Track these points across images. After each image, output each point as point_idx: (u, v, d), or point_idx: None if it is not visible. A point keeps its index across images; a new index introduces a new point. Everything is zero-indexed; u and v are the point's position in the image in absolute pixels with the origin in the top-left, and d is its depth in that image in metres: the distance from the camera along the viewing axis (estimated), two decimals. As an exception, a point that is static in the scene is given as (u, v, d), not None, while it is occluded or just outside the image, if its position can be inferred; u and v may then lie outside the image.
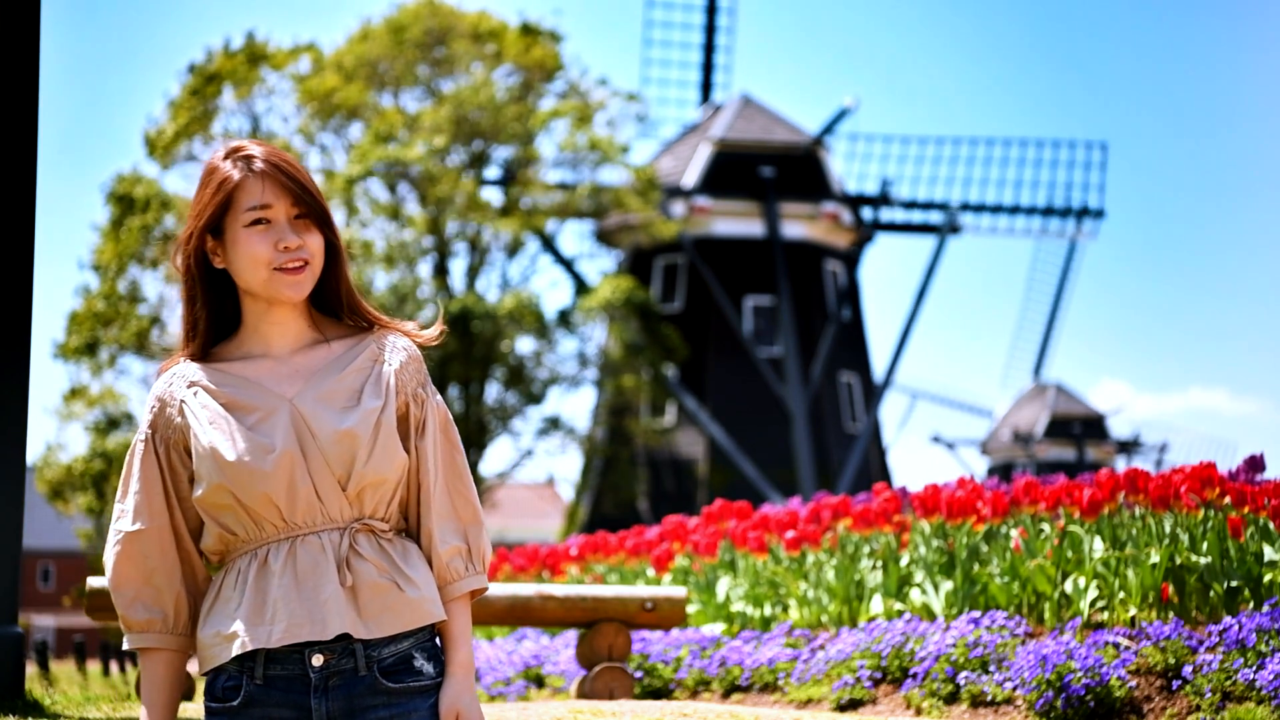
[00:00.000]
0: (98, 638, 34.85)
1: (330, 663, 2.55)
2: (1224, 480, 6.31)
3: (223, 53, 29.32)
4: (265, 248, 2.60)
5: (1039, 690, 5.63)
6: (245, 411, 2.60)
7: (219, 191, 2.64)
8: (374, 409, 2.62)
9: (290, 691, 2.56)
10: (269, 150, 2.66)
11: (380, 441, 2.60)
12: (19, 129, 5.66)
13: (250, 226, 2.61)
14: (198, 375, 2.65)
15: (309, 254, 2.62)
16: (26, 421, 5.67)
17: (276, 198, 2.62)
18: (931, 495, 7.30)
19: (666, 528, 9.30)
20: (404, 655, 2.60)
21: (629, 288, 29.58)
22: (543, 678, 8.40)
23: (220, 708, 2.59)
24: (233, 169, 2.65)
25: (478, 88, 28.76)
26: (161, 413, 2.65)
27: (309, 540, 2.57)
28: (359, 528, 2.60)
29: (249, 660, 2.56)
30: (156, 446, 2.65)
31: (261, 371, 2.64)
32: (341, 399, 2.62)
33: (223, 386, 2.63)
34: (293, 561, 2.56)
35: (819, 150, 35.27)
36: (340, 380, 2.64)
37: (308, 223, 2.64)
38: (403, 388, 2.67)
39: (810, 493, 28.15)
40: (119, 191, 28.14)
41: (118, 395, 27.95)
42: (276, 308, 2.65)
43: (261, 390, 2.62)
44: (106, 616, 6.40)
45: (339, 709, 2.56)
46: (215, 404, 2.61)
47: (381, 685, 2.57)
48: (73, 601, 30.55)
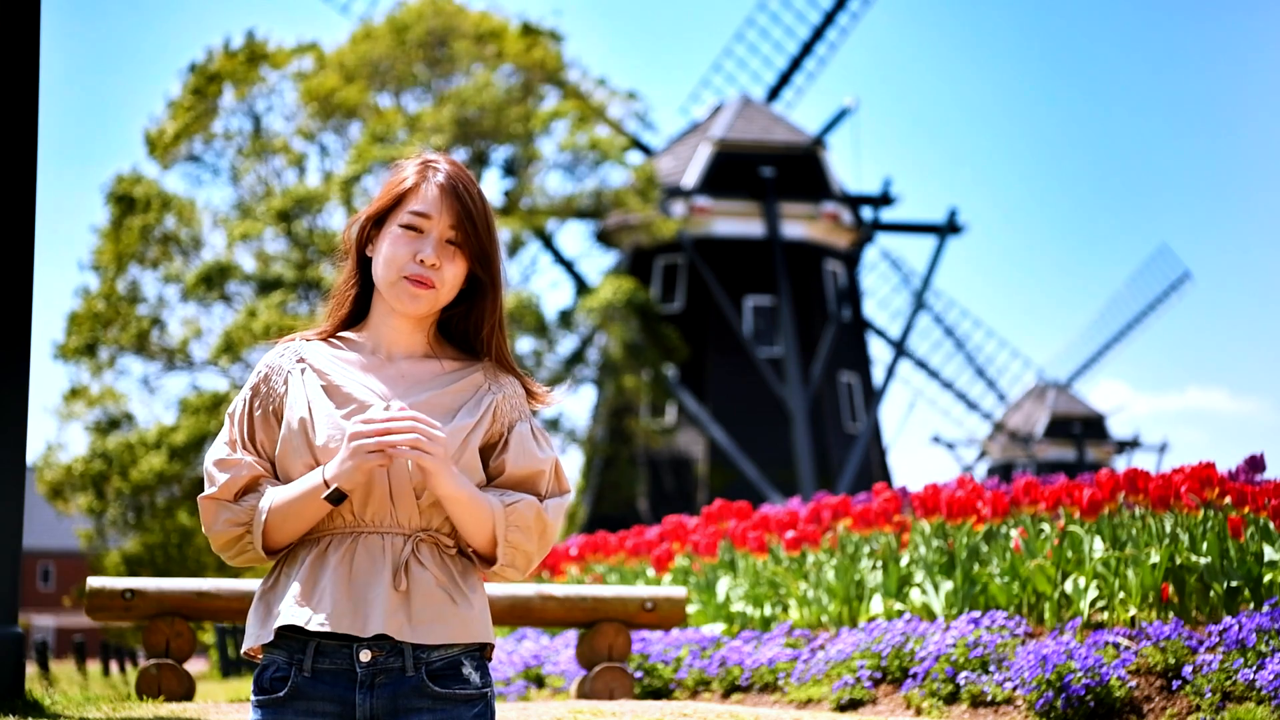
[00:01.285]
0: (98, 638, 34.86)
1: (378, 660, 2.57)
2: (1224, 480, 6.31)
3: (223, 52, 29.33)
4: (405, 253, 2.64)
5: (1039, 690, 5.64)
6: (343, 400, 2.64)
7: (394, 190, 2.69)
8: (465, 426, 2.64)
9: (336, 686, 2.57)
10: (458, 171, 2.70)
11: (463, 460, 2.63)
12: (19, 129, 5.67)
13: (403, 229, 2.65)
14: (309, 354, 2.70)
15: (441, 279, 2.65)
16: (26, 421, 5.68)
17: (439, 213, 2.65)
18: (931, 495, 7.31)
19: (666, 528, 9.31)
20: (453, 661, 2.61)
21: (629, 288, 29.59)
22: (543, 678, 8.41)
23: (267, 699, 2.60)
24: (415, 172, 2.70)
25: (479, 88, 28.78)
26: (266, 379, 2.70)
27: (371, 539, 2.60)
28: (424, 537, 2.62)
29: (298, 652, 2.58)
30: (254, 408, 2.69)
31: (370, 368, 2.69)
32: (436, 412, 2.64)
33: (329, 372, 2.68)
34: (351, 556, 2.59)
35: (819, 150, 35.27)
36: (440, 395, 2.67)
37: (458, 251, 2.66)
38: (501, 416, 2.70)
39: (810, 493, 28.16)
40: (119, 192, 28.13)
41: (118, 395, 27.94)
42: (397, 314, 2.69)
43: (363, 385, 2.66)
44: (106, 616, 6.41)
45: (383, 707, 2.58)
46: (317, 384, 2.66)
47: (428, 689, 2.58)
48: (73, 601, 30.53)
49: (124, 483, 26.53)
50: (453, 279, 2.66)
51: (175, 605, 6.33)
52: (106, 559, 27.40)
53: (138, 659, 24.45)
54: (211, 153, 29.38)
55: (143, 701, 6.06)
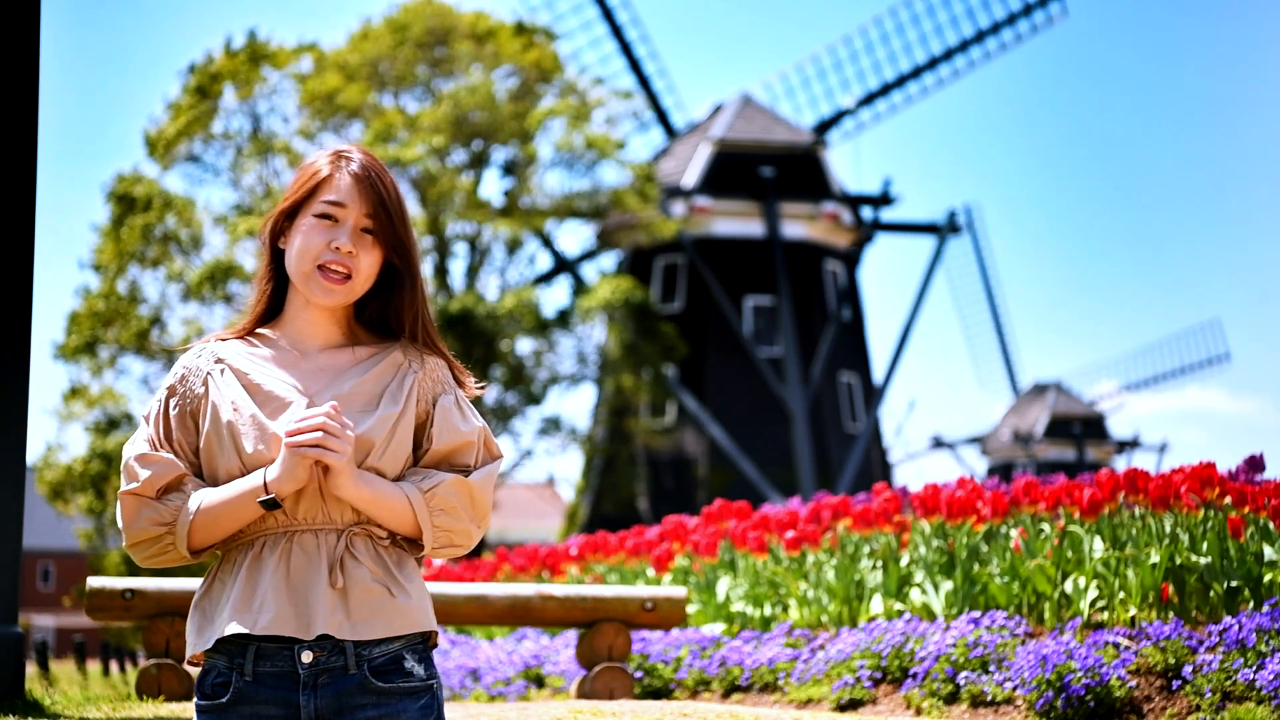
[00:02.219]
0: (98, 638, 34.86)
1: (320, 660, 2.55)
2: (1224, 480, 6.31)
3: (224, 52, 29.31)
4: (319, 242, 2.62)
5: (1039, 690, 5.63)
6: (265, 398, 2.62)
7: (308, 181, 2.67)
8: (391, 414, 2.63)
9: (279, 688, 2.56)
10: (371, 161, 2.68)
11: (390, 450, 2.62)
12: (19, 129, 5.67)
13: (317, 218, 2.64)
14: (227, 354, 2.68)
15: (356, 268, 2.63)
16: (26, 422, 5.67)
17: (353, 201, 2.64)
18: (931, 495, 7.30)
19: (666, 528, 9.30)
20: (394, 656, 2.60)
21: (629, 288, 29.58)
22: (543, 678, 8.40)
23: (209, 705, 2.59)
24: (327, 164, 2.68)
25: (477, 88, 28.76)
26: (184, 380, 2.68)
27: (305, 537, 2.58)
28: (357, 531, 2.60)
29: (238, 657, 2.56)
30: (170, 408, 2.67)
31: (288, 363, 2.67)
32: (360, 402, 2.63)
33: (249, 370, 2.66)
34: (287, 556, 2.57)
35: (819, 150, 35.26)
36: (362, 383, 2.65)
37: (374, 240, 2.65)
38: (424, 394, 2.68)
39: (810, 493, 28.16)
40: (119, 191, 28.12)
41: (118, 395, 27.93)
42: (313, 307, 2.67)
43: (285, 382, 2.64)
44: (106, 616, 6.41)
45: (327, 707, 2.56)
46: (238, 385, 2.64)
47: (371, 685, 2.57)
48: (73, 601, 30.52)
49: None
50: (369, 268, 2.64)
51: (175, 605, 6.33)
52: (106, 559, 27.39)
53: (138, 659, 24.45)
54: (211, 152, 29.38)
55: (143, 701, 6.05)
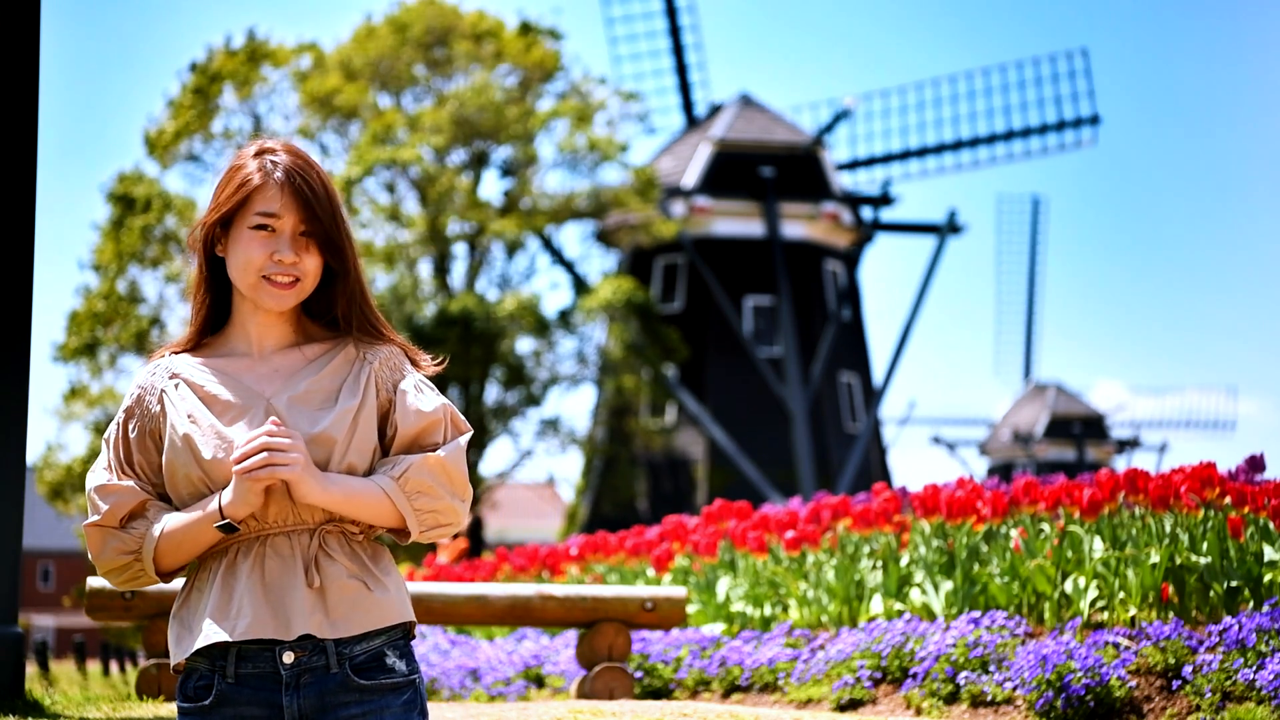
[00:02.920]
0: (98, 638, 34.85)
1: (301, 660, 2.56)
2: (1224, 480, 6.31)
3: (224, 51, 29.30)
4: (261, 254, 2.62)
5: (1039, 690, 5.63)
6: (223, 408, 2.63)
7: (238, 190, 2.65)
8: (350, 408, 2.63)
9: (261, 689, 2.56)
10: (296, 159, 2.66)
11: (354, 444, 2.62)
12: (19, 129, 5.67)
13: (254, 230, 2.63)
14: (180, 368, 2.68)
15: (302, 272, 2.64)
16: (26, 422, 5.67)
17: (287, 210, 2.63)
18: (931, 495, 7.30)
19: (666, 528, 9.30)
20: (376, 652, 2.60)
21: (629, 288, 29.57)
22: (543, 678, 8.40)
23: (192, 707, 2.59)
24: (256, 171, 2.66)
25: (478, 89, 28.75)
26: (140, 401, 2.68)
27: (278, 540, 2.59)
28: (330, 529, 2.61)
29: (220, 659, 2.57)
30: (129, 431, 2.67)
31: (242, 369, 2.67)
32: (318, 400, 2.63)
33: (203, 382, 2.65)
34: (261, 561, 2.58)
35: (819, 150, 35.26)
36: (318, 381, 2.65)
37: (311, 242, 2.65)
38: (383, 383, 2.68)
39: (810, 493, 28.15)
40: (119, 191, 28.11)
41: (118, 395, 27.89)
42: (262, 310, 2.68)
43: (241, 387, 2.64)
44: (106, 616, 6.41)
45: (310, 706, 2.56)
46: (194, 397, 2.64)
47: (353, 682, 2.57)
48: (73, 601, 30.53)
49: (124, 483, 26.50)
50: (314, 269, 2.66)
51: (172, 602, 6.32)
52: (106, 559, 27.35)
53: (138, 659, 24.44)
54: (211, 152, 29.36)
55: (143, 701, 6.05)
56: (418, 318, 27.20)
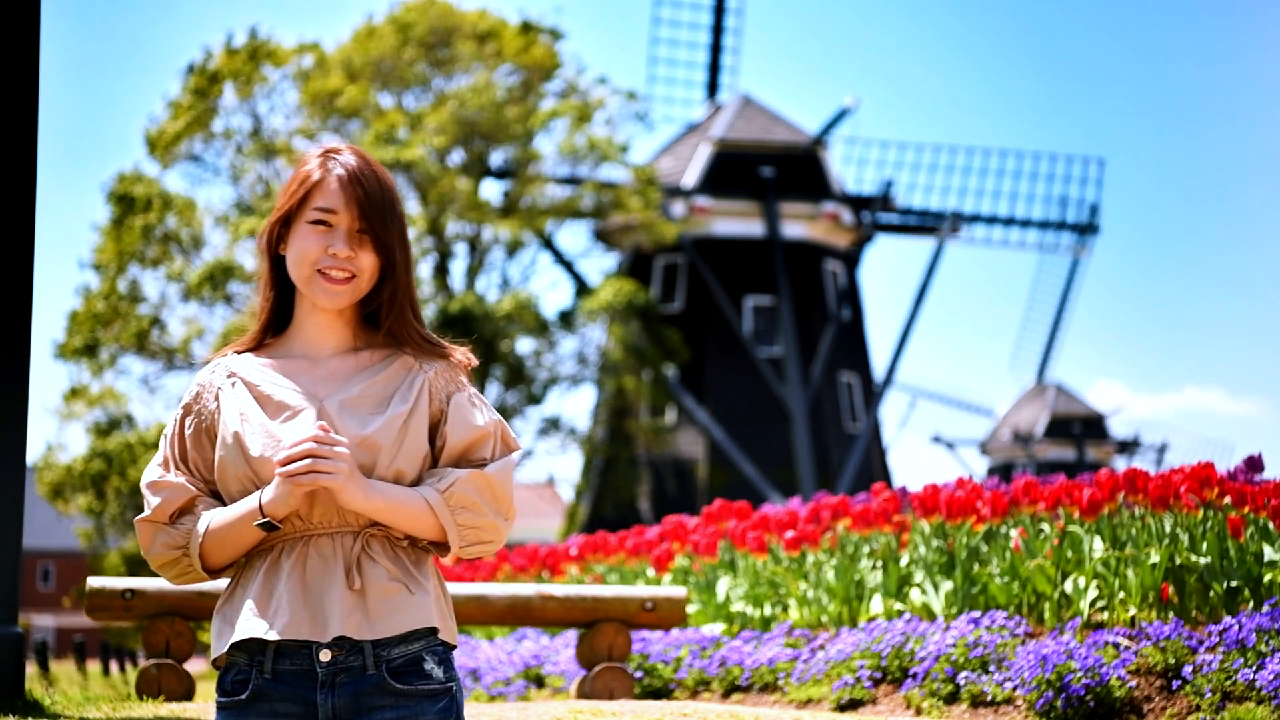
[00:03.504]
0: (98, 638, 34.84)
1: (338, 659, 2.57)
2: (1223, 480, 6.31)
3: (226, 50, 29.29)
4: (316, 248, 2.65)
5: (1039, 690, 5.63)
6: (276, 408, 2.65)
7: (299, 187, 2.69)
8: (400, 414, 2.64)
9: (298, 686, 2.58)
10: (359, 160, 2.70)
11: (403, 450, 2.63)
12: (19, 129, 5.67)
13: (311, 224, 2.66)
14: (239, 367, 2.71)
15: (357, 269, 2.66)
16: (26, 421, 5.67)
17: (344, 206, 2.66)
18: (931, 495, 7.30)
19: (666, 528, 9.30)
20: (414, 657, 2.61)
21: (629, 289, 29.56)
22: (543, 678, 8.40)
23: (229, 701, 2.61)
24: (317, 168, 2.69)
25: (479, 89, 28.74)
26: (198, 398, 2.71)
27: (321, 541, 2.61)
28: (374, 533, 2.62)
29: (258, 655, 2.59)
30: (186, 427, 2.71)
31: (299, 370, 2.69)
32: (370, 404, 2.65)
33: (260, 382, 2.68)
34: (303, 561, 2.60)
35: (819, 150, 35.26)
36: (372, 385, 2.67)
37: (367, 240, 2.67)
38: (436, 393, 2.69)
39: (810, 493, 28.15)
40: (119, 191, 28.11)
41: (118, 395, 27.92)
42: (320, 310, 2.70)
43: (296, 389, 2.66)
44: (106, 616, 6.40)
45: (345, 706, 2.57)
46: (249, 397, 2.67)
47: (389, 686, 2.58)
48: (73, 601, 30.47)
49: (124, 483, 26.52)
50: (370, 267, 2.67)
51: (175, 605, 6.33)
52: (106, 559, 27.38)
53: (138, 659, 24.44)
54: (211, 152, 29.37)
55: (143, 701, 6.05)
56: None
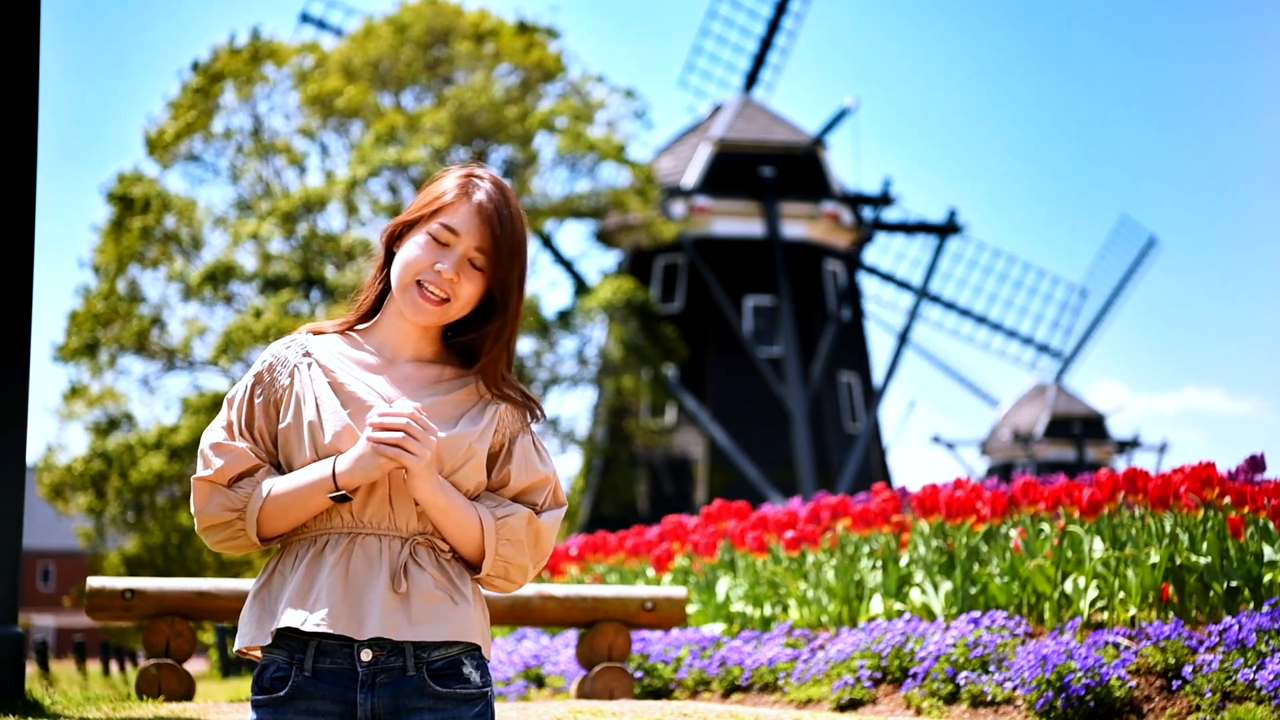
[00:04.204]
0: (98, 638, 34.86)
1: (379, 659, 2.57)
2: (1224, 480, 6.31)
3: (227, 49, 29.29)
4: (425, 260, 2.64)
5: (1039, 690, 5.63)
6: (346, 398, 2.65)
7: (435, 200, 2.68)
8: (469, 434, 2.64)
9: (337, 685, 2.58)
10: (499, 192, 2.68)
11: (465, 469, 2.63)
12: (19, 129, 5.67)
13: (429, 236, 2.65)
14: (316, 349, 2.71)
15: (455, 294, 2.65)
16: (26, 421, 5.67)
17: (469, 232, 2.65)
18: (931, 495, 7.30)
19: (666, 528, 9.30)
20: (453, 660, 2.61)
21: (629, 288, 29.57)
22: (543, 678, 8.40)
23: (267, 699, 2.61)
24: (455, 187, 2.69)
25: (478, 89, 28.75)
26: (271, 369, 2.70)
27: (369, 540, 2.60)
28: (421, 541, 2.62)
29: (299, 652, 2.58)
30: (255, 395, 2.69)
31: (374, 368, 2.69)
32: (437, 419, 2.64)
33: (335, 367, 2.68)
34: (348, 557, 2.59)
35: (819, 150, 35.26)
36: (442, 403, 2.67)
37: (476, 273, 2.66)
38: (504, 427, 2.70)
39: (810, 493, 28.15)
40: (119, 191, 28.10)
41: (118, 395, 27.91)
42: (405, 319, 2.69)
43: (368, 385, 2.66)
44: (106, 616, 6.41)
45: (384, 707, 2.58)
46: (324, 380, 2.67)
47: (429, 688, 2.59)
48: (73, 601, 30.50)
49: (124, 483, 26.52)
50: (468, 297, 2.66)
51: (175, 605, 6.33)
52: (106, 559, 27.39)
53: (138, 659, 24.45)
54: (211, 152, 29.37)
55: (143, 701, 6.05)
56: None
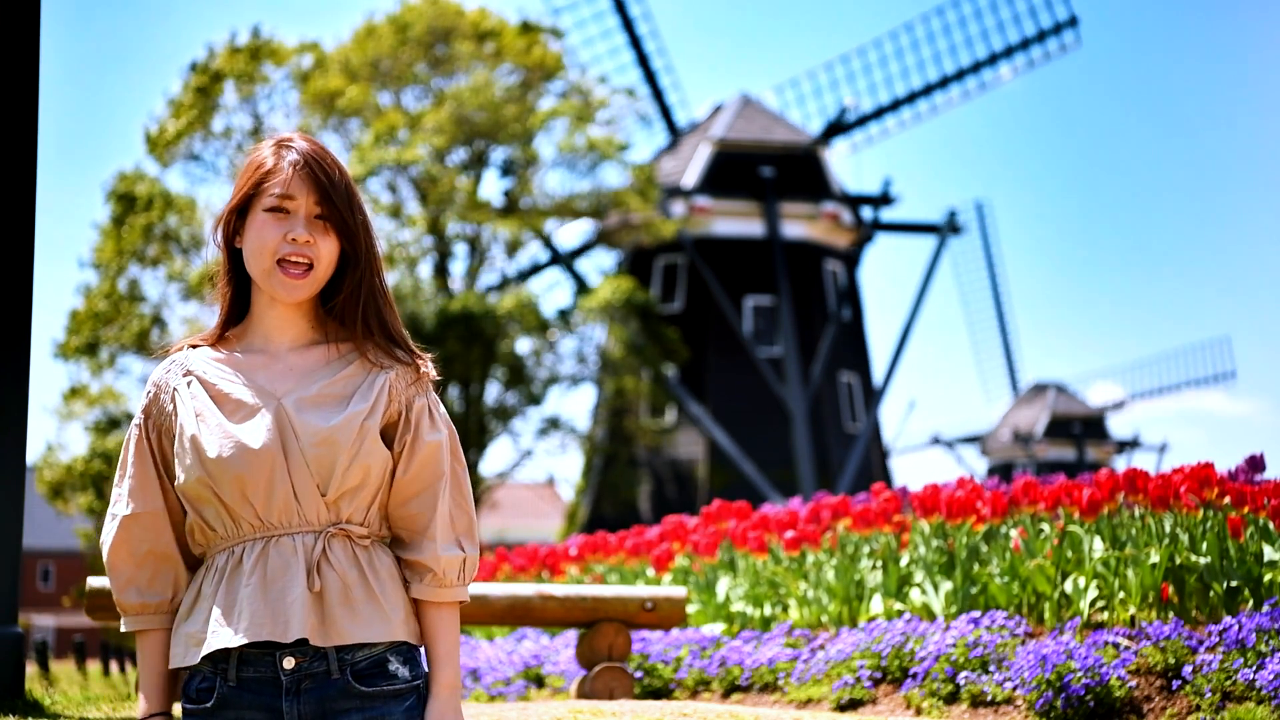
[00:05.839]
0: (98, 638, 34.85)
1: (301, 665, 2.54)
2: (1223, 480, 6.31)
3: (228, 49, 29.29)
4: (275, 235, 2.59)
5: (1039, 690, 5.63)
6: (233, 406, 2.60)
7: (253, 175, 2.63)
8: (359, 412, 2.60)
9: (262, 694, 2.55)
10: (312, 146, 2.64)
11: (364, 448, 2.59)
12: (19, 129, 5.67)
13: (268, 212, 2.61)
14: (195, 364, 2.66)
15: (316, 256, 2.60)
16: (26, 421, 5.67)
17: (301, 191, 2.60)
18: (931, 495, 7.30)
19: (666, 528, 9.30)
20: (378, 659, 2.58)
21: (629, 288, 29.56)
22: (543, 678, 8.40)
23: (195, 709, 2.58)
24: (270, 155, 2.64)
25: (479, 89, 28.74)
26: (155, 399, 2.66)
27: (283, 541, 2.56)
28: (334, 532, 2.58)
29: (221, 661, 2.56)
30: (149, 432, 2.65)
31: (257, 366, 2.64)
32: (330, 402, 2.60)
33: (216, 379, 2.63)
34: (264, 562, 2.55)
35: (819, 150, 35.26)
36: (332, 384, 2.62)
37: (327, 226, 2.62)
38: (396, 395, 2.65)
39: (810, 493, 28.15)
40: (120, 190, 28.12)
41: (118, 395, 27.92)
42: (279, 303, 2.64)
43: (253, 386, 2.61)
44: (106, 616, 6.40)
45: (311, 712, 2.55)
46: (205, 395, 2.61)
47: (354, 689, 2.56)
48: (73, 601, 30.53)
49: (124, 483, 26.50)
50: (329, 255, 2.62)
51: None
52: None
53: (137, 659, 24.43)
54: (212, 151, 29.37)
55: (142, 701, 6.04)
56: (419, 317, 27.19)
